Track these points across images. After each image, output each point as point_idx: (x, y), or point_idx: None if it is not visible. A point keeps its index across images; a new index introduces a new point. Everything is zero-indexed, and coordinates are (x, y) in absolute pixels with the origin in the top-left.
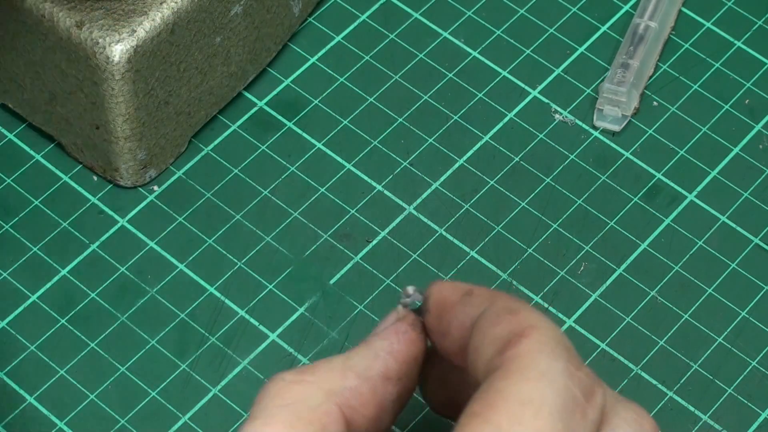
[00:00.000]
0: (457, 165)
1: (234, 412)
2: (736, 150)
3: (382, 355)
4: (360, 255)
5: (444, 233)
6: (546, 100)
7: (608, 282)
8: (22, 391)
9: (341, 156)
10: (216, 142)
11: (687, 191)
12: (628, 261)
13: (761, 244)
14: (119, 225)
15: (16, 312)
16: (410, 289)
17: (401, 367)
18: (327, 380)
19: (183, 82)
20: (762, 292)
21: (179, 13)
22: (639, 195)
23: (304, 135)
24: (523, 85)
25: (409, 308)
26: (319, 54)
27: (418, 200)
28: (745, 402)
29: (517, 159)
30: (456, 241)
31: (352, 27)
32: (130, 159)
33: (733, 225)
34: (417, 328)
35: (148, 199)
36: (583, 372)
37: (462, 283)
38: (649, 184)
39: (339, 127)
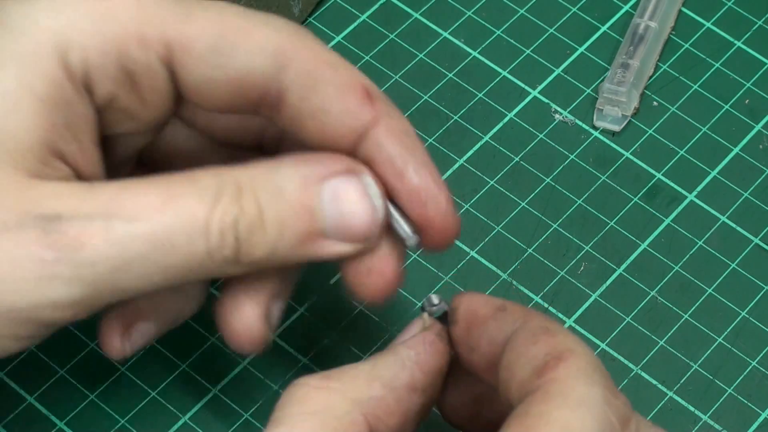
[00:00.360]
0: (457, 165)
1: (234, 412)
2: (736, 150)
3: (408, 365)
4: None
5: None
6: (546, 100)
7: (608, 282)
8: (22, 392)
9: None
10: None
11: (687, 191)
12: (628, 261)
13: (761, 244)
14: None
15: None
16: (435, 298)
17: (427, 378)
18: (353, 388)
19: None
20: (762, 292)
21: None
22: (639, 195)
23: None
24: (523, 85)
25: (434, 317)
26: None
27: None
28: (745, 402)
29: (517, 159)
30: (456, 241)
31: (352, 27)
32: None
33: (733, 225)
34: (443, 339)
35: None
36: (620, 400)
37: (493, 297)
38: (649, 184)
39: None
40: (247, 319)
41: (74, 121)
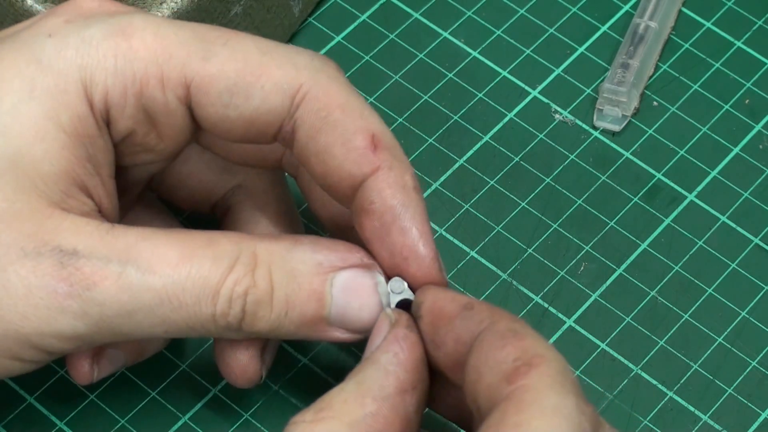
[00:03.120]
0: (457, 165)
1: (234, 412)
2: (736, 150)
3: (392, 370)
4: None
5: (444, 233)
6: (546, 100)
7: (608, 282)
8: (22, 392)
9: None
10: None
11: (687, 191)
12: (628, 261)
13: (761, 244)
14: None
15: None
16: (399, 285)
17: (413, 374)
18: (346, 412)
19: None
20: (762, 292)
21: (179, 14)
22: (639, 195)
23: None
24: (523, 85)
25: (395, 305)
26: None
27: None
28: (745, 402)
29: (517, 159)
30: (456, 241)
31: (352, 27)
32: None
33: (733, 225)
34: (413, 328)
35: None
36: (590, 408)
37: (459, 294)
38: (649, 184)
39: None
40: (243, 359)
41: (95, 154)
